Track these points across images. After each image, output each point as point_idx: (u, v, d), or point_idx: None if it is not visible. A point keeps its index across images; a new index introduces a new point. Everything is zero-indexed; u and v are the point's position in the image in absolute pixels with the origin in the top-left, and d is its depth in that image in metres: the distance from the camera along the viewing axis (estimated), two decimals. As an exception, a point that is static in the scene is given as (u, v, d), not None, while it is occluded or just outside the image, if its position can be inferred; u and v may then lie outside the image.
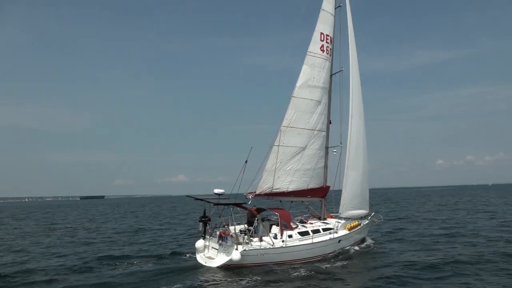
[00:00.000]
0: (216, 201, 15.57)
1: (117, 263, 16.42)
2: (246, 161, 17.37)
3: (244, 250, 14.61)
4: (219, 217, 16.88)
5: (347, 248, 18.29)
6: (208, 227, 16.76)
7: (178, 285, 12.51)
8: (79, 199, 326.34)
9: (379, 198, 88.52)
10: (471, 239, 20.81)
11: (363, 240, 20.52)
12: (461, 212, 39.93)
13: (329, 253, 17.03)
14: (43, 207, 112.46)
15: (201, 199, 15.94)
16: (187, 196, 17.20)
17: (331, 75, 20.10)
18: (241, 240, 15.04)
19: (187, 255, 17.63)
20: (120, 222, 41.43)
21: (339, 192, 19.93)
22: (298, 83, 18.79)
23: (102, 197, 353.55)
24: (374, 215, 21.87)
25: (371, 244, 19.90)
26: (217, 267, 14.71)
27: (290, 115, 18.59)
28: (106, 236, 27.37)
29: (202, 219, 16.69)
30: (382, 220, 22.79)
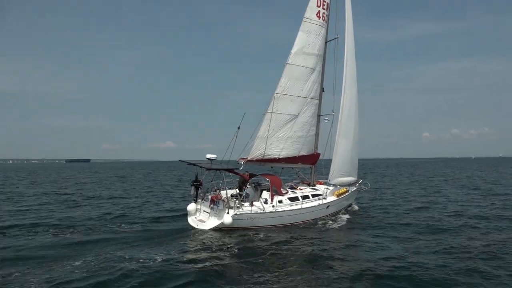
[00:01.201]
0: (208, 166, 15.74)
1: (109, 224, 16.76)
2: (238, 127, 17.40)
3: (235, 214, 15.02)
4: (211, 181, 17.16)
5: (335, 213, 18.97)
6: (200, 191, 17.01)
7: (169, 246, 12.83)
8: (64, 162, 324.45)
9: (365, 168, 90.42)
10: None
11: (349, 206, 21.28)
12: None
13: (318, 218, 17.65)
14: (18, 169, 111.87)
15: (194, 164, 16.08)
16: (180, 161, 17.30)
17: (326, 42, 19.90)
18: (232, 205, 15.42)
19: (179, 217, 18.04)
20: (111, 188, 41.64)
21: (329, 160, 20.35)
22: (293, 50, 18.60)
23: (88, 160, 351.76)
24: (362, 182, 22.52)
25: (357, 210, 20.72)
26: (208, 230, 15.12)
27: (284, 82, 18.54)
28: (104, 199, 27.65)
29: (194, 183, 16.91)
30: (369, 188, 23.53)
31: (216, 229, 15.04)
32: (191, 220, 16.24)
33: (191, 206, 16.64)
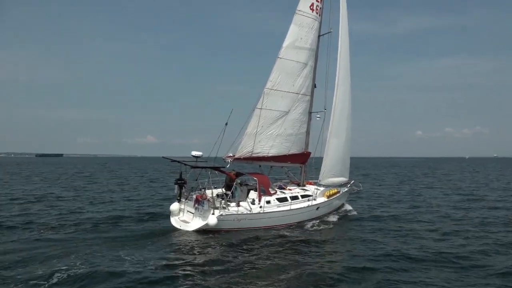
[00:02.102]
0: (193, 164, 15.79)
1: (87, 226, 16.66)
2: (226, 124, 17.49)
3: (221, 215, 15.10)
4: (196, 180, 17.23)
5: (325, 215, 19.25)
6: (184, 190, 17.06)
7: (149, 249, 12.85)
8: (35, 156, 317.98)
9: (357, 168, 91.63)
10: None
11: (341, 207, 21.62)
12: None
13: (307, 220, 17.86)
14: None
15: (178, 161, 16.11)
16: (163, 157, 17.29)
17: (319, 36, 20.06)
18: (218, 205, 15.50)
19: (161, 218, 18.08)
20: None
21: (319, 159, 20.61)
22: (285, 43, 18.72)
23: (60, 155, 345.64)
24: (353, 183, 22.88)
25: (349, 211, 21.06)
26: (192, 231, 15.19)
27: (275, 77, 18.66)
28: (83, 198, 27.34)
29: (178, 182, 16.95)
30: (361, 188, 23.89)
31: (200, 231, 15.11)
32: (174, 221, 16.26)
33: (174, 206, 16.65)
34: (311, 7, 19.38)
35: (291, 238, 14.92)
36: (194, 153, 16.45)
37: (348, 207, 21.82)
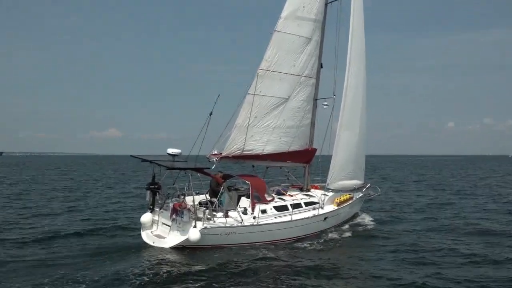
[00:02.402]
0: (169, 164, 15.75)
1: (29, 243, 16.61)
2: (210, 113, 17.49)
3: (205, 228, 15.08)
4: (173, 184, 17.19)
5: (334, 227, 19.38)
6: (157, 197, 17.02)
7: (113, 269, 12.84)
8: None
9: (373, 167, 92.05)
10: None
11: (354, 216, 21.84)
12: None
13: (312, 234, 17.95)
14: None
15: (150, 161, 16.04)
16: (131, 156, 17.23)
17: (326, 4, 20.16)
18: (201, 215, 15.45)
19: (130, 231, 18.10)
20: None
21: (327, 157, 20.72)
22: (284, 13, 18.78)
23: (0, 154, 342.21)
24: (370, 186, 23.04)
25: (365, 222, 21.19)
26: (169, 248, 15.15)
27: (271, 56, 18.71)
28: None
29: (151, 187, 16.88)
30: (379, 194, 24.07)
31: (178, 248, 15.09)
32: (146, 236, 16.23)
33: (146, 217, 16.62)
34: (316, -33, 19.46)
35: (292, 258, 14.92)
36: (171, 150, 16.40)
37: (364, 217, 21.99)
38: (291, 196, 19.12)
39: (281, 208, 17.49)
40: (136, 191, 37.06)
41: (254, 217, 16.36)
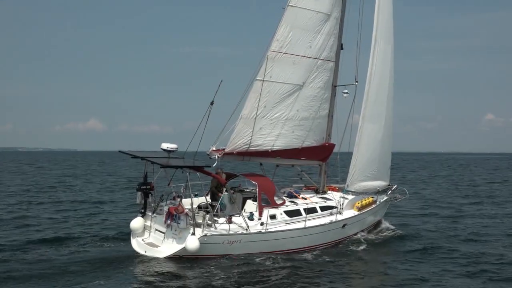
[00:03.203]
0: (164, 162, 15.71)
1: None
2: (212, 103, 17.36)
3: (205, 235, 15.05)
4: (168, 185, 17.11)
5: (355, 236, 19.26)
6: (150, 199, 17.03)
7: (96, 285, 12.82)
8: None
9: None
10: None
11: (377, 225, 21.66)
12: None
13: (329, 243, 17.89)
14: None
15: (142, 158, 16.01)
16: (120, 152, 17.26)
17: (347, -26, 19.94)
18: (200, 221, 15.44)
19: (118, 239, 18.08)
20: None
21: (347, 155, 20.62)
22: (299, -16, 18.51)
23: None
24: (396, 188, 22.81)
25: (390, 231, 20.95)
26: (163, 258, 15.13)
27: (284, 35, 18.45)
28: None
29: (142, 188, 16.87)
30: (407, 197, 23.86)
31: (174, 258, 15.05)
32: (136, 243, 16.26)
33: (137, 222, 16.63)
34: None
35: (305, 270, 14.83)
36: (166, 146, 16.39)
37: (387, 225, 21.80)
38: (305, 199, 19.01)
39: (293, 213, 17.39)
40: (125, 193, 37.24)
41: (261, 223, 16.32)
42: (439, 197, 36.17)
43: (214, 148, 18.29)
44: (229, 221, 15.91)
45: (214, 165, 17.48)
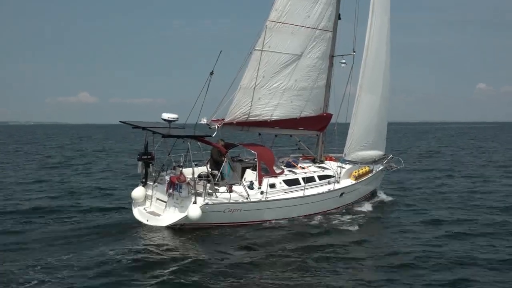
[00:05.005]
0: (165, 132, 15.67)
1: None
2: (211, 73, 17.26)
3: (206, 204, 15.14)
4: (169, 155, 17.17)
5: (352, 203, 19.56)
6: (151, 169, 17.05)
7: (99, 252, 12.93)
8: None
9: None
10: None
11: (373, 194, 21.95)
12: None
13: (327, 211, 18.10)
14: None
15: (143, 128, 15.98)
16: (121, 122, 17.17)
17: None
18: (201, 190, 15.49)
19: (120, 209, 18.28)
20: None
21: (345, 125, 20.70)
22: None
23: None
24: (391, 158, 23.00)
25: (385, 200, 21.31)
26: (165, 227, 15.29)
27: (282, 4, 18.31)
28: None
29: (143, 158, 16.88)
30: (402, 166, 24.06)
31: (176, 227, 15.21)
32: (138, 212, 16.32)
33: (138, 192, 16.64)
34: None
35: (304, 238, 15.03)
36: (166, 116, 16.23)
37: (382, 195, 22.06)
38: (303, 168, 19.15)
39: (292, 182, 17.58)
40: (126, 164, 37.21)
41: (261, 192, 16.47)
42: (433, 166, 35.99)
43: (214, 118, 18.21)
44: (230, 190, 16.00)
45: (214, 135, 17.51)
